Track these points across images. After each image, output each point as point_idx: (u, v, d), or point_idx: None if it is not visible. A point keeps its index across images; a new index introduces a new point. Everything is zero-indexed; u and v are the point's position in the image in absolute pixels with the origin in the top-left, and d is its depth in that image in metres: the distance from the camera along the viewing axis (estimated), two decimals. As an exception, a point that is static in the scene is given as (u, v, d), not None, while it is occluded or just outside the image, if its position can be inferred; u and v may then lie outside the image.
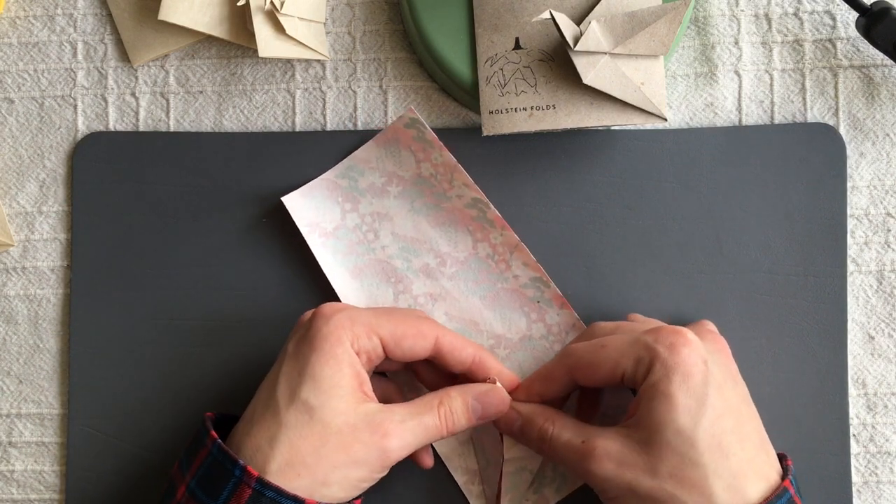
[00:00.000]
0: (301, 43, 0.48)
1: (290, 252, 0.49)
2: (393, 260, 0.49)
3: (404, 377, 0.48)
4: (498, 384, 0.44)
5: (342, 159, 0.49)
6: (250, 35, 0.48)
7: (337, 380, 0.41)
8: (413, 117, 0.47)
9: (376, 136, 0.48)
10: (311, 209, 0.48)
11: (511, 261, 0.48)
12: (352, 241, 0.49)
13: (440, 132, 0.50)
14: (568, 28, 0.45)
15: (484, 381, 0.44)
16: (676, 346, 0.40)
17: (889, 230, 0.49)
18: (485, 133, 0.47)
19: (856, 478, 0.49)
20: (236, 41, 0.49)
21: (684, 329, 0.41)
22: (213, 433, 0.41)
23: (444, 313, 0.48)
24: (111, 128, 0.51)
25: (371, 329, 0.42)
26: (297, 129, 0.51)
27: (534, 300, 0.48)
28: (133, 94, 0.51)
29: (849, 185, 0.49)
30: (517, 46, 0.47)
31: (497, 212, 0.48)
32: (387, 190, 0.49)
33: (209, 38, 0.51)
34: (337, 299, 0.48)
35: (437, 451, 0.48)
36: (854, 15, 0.49)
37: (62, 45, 0.51)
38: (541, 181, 0.50)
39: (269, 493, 0.39)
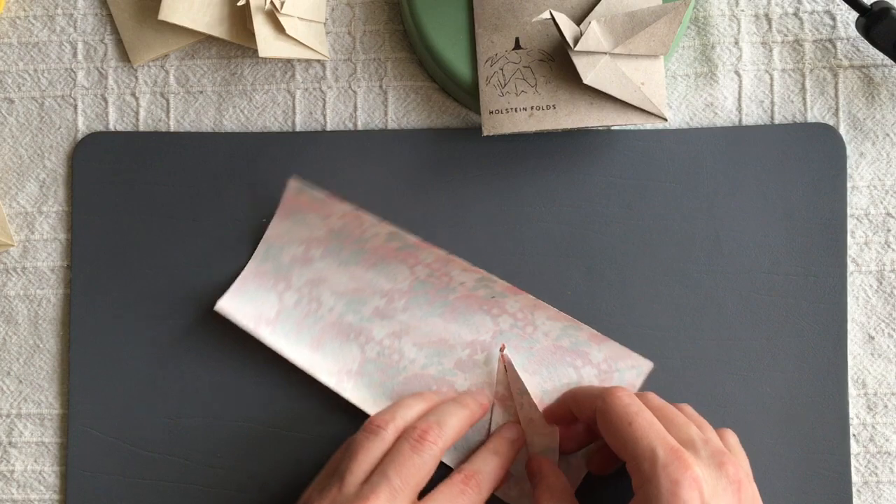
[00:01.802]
0: (301, 43, 0.48)
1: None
2: (344, 317, 0.49)
3: None
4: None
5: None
6: (250, 35, 0.48)
7: None
8: (297, 185, 0.47)
9: (277, 211, 0.48)
10: (248, 304, 0.48)
11: (450, 272, 0.48)
12: (298, 317, 0.49)
13: (440, 132, 0.50)
14: (568, 28, 0.45)
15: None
16: (680, 484, 0.39)
17: (889, 230, 0.49)
18: (485, 133, 0.47)
19: (856, 478, 0.49)
20: (236, 41, 0.49)
21: (696, 465, 0.40)
22: None
23: (413, 345, 0.48)
24: (111, 128, 0.51)
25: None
26: (297, 129, 0.51)
27: (488, 297, 0.48)
28: (133, 94, 0.51)
29: (849, 185, 0.49)
30: (517, 46, 0.47)
31: (413, 236, 0.48)
32: (310, 256, 0.49)
33: (209, 38, 0.51)
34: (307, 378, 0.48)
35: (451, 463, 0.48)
36: (854, 15, 0.49)
37: (62, 45, 0.51)
38: (541, 181, 0.50)
39: None
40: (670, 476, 0.40)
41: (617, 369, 0.48)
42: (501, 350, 0.48)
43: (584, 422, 0.46)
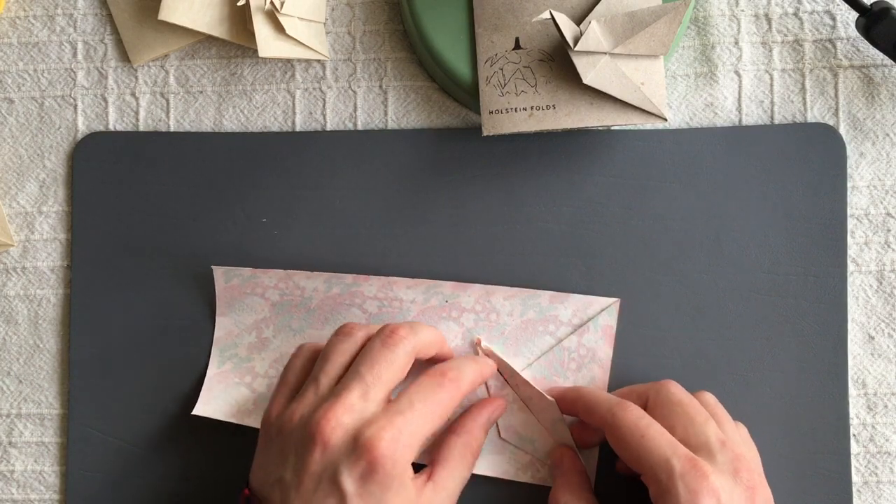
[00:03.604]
0: (301, 43, 0.48)
1: (291, 251, 0.49)
2: None
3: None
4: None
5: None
6: (250, 35, 0.48)
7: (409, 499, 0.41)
8: (221, 272, 0.48)
9: (217, 308, 0.49)
10: (223, 404, 0.48)
11: (398, 295, 0.48)
12: None
13: (440, 132, 0.50)
14: (568, 28, 0.45)
15: None
16: (699, 494, 0.40)
17: (889, 230, 0.49)
18: (485, 133, 0.47)
19: (856, 478, 0.49)
20: (236, 41, 0.49)
21: (712, 474, 0.40)
22: None
23: None
24: (111, 128, 0.51)
25: (424, 440, 0.42)
26: (297, 129, 0.51)
27: (442, 304, 0.48)
28: (133, 94, 0.51)
29: (849, 185, 0.49)
30: (517, 46, 0.47)
31: (345, 275, 0.48)
32: (264, 338, 0.49)
33: (209, 38, 0.51)
34: None
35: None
36: (854, 15, 0.49)
37: (62, 45, 0.51)
38: (541, 181, 0.50)
39: None
40: (688, 486, 0.40)
41: (589, 318, 0.48)
42: (478, 344, 0.48)
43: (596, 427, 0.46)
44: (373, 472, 0.39)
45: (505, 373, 0.48)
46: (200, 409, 0.48)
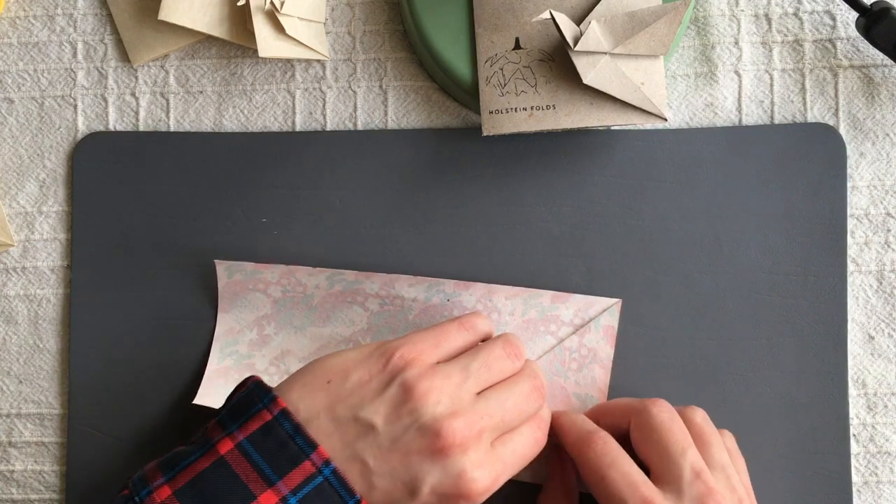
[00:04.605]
0: (301, 43, 0.48)
1: (291, 251, 0.49)
2: None
3: None
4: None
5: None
6: (250, 35, 0.48)
7: None
8: (224, 265, 0.48)
9: (219, 305, 0.49)
10: (222, 397, 0.48)
11: (400, 293, 0.48)
12: None
13: (440, 132, 0.50)
14: (568, 28, 0.45)
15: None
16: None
17: (889, 230, 0.49)
18: (485, 133, 0.47)
19: (856, 478, 0.49)
20: (236, 41, 0.49)
21: (717, 493, 0.41)
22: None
23: None
24: (111, 128, 0.51)
25: None
26: (297, 129, 0.51)
27: (444, 302, 0.48)
28: (133, 94, 0.51)
29: (849, 185, 0.49)
30: (517, 46, 0.47)
31: (347, 272, 0.48)
32: (265, 335, 0.49)
33: (209, 38, 0.51)
34: None
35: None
36: (854, 15, 0.49)
37: (62, 45, 0.51)
38: (541, 181, 0.50)
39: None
40: (695, 497, 0.40)
41: (591, 318, 0.48)
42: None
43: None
44: (454, 502, 0.39)
45: None
46: (201, 399, 0.48)
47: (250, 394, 0.40)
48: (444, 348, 0.42)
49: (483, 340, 0.44)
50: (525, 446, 0.42)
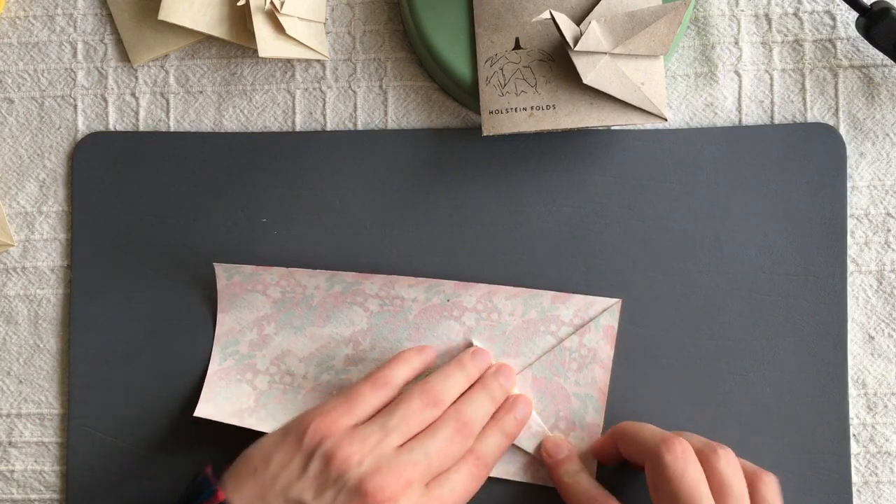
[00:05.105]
0: (301, 43, 0.48)
1: (291, 251, 0.49)
2: (320, 378, 0.48)
3: None
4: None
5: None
6: (250, 35, 0.48)
7: None
8: (223, 268, 0.48)
9: (218, 306, 0.49)
10: (224, 402, 0.48)
11: (399, 294, 0.48)
12: (277, 396, 0.49)
13: (440, 132, 0.50)
14: (568, 28, 0.45)
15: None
16: None
17: (889, 230, 0.49)
18: (485, 133, 0.47)
19: (856, 478, 0.49)
20: (236, 41, 0.49)
21: None
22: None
23: None
24: (111, 128, 0.51)
25: None
26: (297, 129, 0.51)
27: (444, 302, 0.48)
28: (133, 94, 0.51)
29: (849, 185, 0.49)
30: (517, 46, 0.47)
31: (345, 273, 0.48)
32: (265, 335, 0.49)
33: (209, 38, 0.51)
34: None
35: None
36: (854, 15, 0.49)
37: (62, 45, 0.51)
38: (541, 181, 0.50)
39: None
40: None
41: (591, 318, 0.48)
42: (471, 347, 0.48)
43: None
44: None
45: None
46: (202, 410, 0.48)
47: (198, 485, 0.41)
48: (358, 412, 0.43)
49: (420, 373, 0.46)
50: (462, 482, 0.43)
